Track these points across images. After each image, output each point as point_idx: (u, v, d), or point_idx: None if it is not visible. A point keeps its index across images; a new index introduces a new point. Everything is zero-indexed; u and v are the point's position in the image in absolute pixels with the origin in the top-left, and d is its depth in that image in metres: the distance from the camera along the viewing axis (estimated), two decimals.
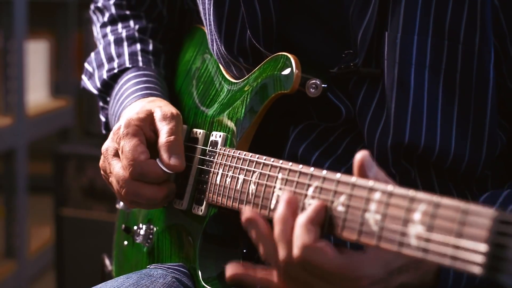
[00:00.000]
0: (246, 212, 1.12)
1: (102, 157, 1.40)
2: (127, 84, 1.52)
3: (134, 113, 1.39)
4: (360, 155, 1.06)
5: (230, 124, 1.37)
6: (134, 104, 1.45)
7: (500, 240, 0.89)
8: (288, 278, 1.11)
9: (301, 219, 1.08)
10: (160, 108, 1.39)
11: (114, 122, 1.52)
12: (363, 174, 1.06)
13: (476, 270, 0.89)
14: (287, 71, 1.28)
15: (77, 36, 4.72)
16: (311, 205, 1.09)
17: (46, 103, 4.40)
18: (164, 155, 1.35)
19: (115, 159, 1.38)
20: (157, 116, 1.38)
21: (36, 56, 4.24)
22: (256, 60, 1.37)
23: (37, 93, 4.30)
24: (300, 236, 1.07)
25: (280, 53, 1.31)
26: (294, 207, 1.10)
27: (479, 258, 0.89)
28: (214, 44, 1.42)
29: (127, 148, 1.34)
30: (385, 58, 1.27)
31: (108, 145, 1.39)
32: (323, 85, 1.27)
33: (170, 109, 1.39)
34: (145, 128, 1.37)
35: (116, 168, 1.37)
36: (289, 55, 1.29)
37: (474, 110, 1.28)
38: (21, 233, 3.75)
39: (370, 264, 1.06)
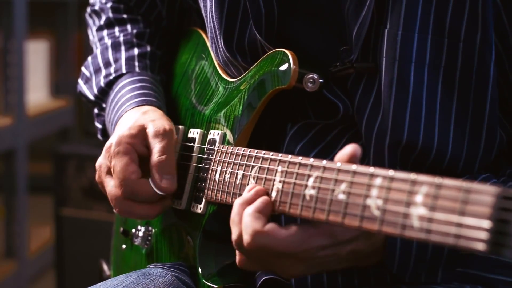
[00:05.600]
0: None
1: (97, 172, 1.41)
2: (122, 91, 1.51)
3: (126, 128, 1.38)
4: (354, 147, 1.10)
5: (228, 122, 1.37)
6: (128, 114, 1.45)
7: (503, 216, 0.90)
8: (250, 258, 1.19)
9: (249, 209, 1.15)
10: (153, 122, 1.39)
11: (111, 129, 1.51)
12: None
13: (480, 246, 0.91)
14: (284, 67, 1.28)
15: (77, 36, 4.73)
16: (259, 199, 1.17)
17: (46, 103, 4.40)
18: (155, 175, 1.35)
19: (108, 176, 1.39)
20: (150, 132, 1.38)
21: (36, 56, 4.24)
22: (254, 59, 1.37)
23: (37, 93, 4.30)
24: (249, 223, 1.13)
25: (277, 49, 1.31)
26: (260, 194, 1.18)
27: (483, 235, 0.91)
28: (214, 41, 1.42)
29: (118, 168, 1.35)
30: (384, 55, 1.27)
31: (101, 162, 1.40)
32: (320, 80, 1.28)
33: (162, 123, 1.39)
34: (137, 145, 1.37)
35: (109, 186, 1.38)
36: (286, 51, 1.29)
37: (473, 109, 1.28)
38: (21, 233, 3.75)
39: (317, 236, 1.12)
